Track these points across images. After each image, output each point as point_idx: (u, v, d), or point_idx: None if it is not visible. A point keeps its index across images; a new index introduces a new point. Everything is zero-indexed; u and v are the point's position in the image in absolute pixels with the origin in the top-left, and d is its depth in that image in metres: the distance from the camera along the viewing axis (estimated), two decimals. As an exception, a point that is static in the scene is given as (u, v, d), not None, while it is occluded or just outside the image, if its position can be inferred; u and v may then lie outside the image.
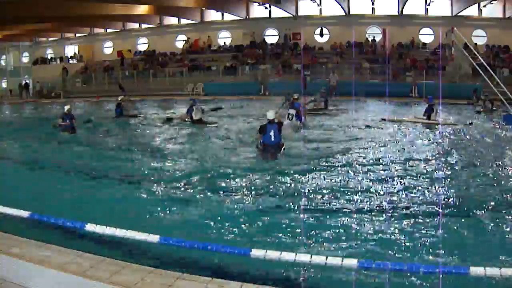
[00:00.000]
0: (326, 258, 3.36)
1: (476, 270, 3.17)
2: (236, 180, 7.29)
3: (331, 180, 7.26)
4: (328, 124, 14.21)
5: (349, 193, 6.48)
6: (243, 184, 7.02)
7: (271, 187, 6.89)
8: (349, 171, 7.83)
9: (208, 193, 6.58)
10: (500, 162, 8.53)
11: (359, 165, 8.32)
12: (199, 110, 14.59)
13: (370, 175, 7.59)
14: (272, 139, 9.02)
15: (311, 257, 3.38)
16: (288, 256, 3.39)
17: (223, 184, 7.05)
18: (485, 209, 5.74)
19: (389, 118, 15.12)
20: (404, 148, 10.18)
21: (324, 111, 17.19)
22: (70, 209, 5.77)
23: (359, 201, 6.14)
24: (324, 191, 6.56)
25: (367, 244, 4.67)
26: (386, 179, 7.31)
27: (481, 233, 5.00)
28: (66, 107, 13.51)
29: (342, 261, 3.29)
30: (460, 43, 19.18)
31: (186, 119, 14.69)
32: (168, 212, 5.78)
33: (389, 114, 15.84)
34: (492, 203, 5.96)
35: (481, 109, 17.46)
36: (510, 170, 7.98)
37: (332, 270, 3.80)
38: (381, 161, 8.70)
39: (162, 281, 3.48)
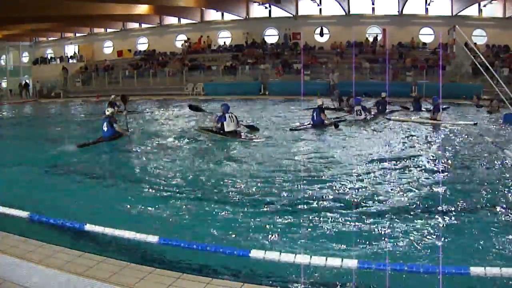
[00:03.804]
0: (326, 259, 3.35)
1: (476, 270, 3.17)
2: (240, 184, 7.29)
3: (331, 179, 7.25)
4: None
5: (350, 193, 6.48)
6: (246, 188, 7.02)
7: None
8: (351, 171, 7.82)
9: (209, 196, 6.58)
10: (503, 162, 8.53)
11: (363, 164, 8.32)
12: (233, 118, 11.22)
13: (373, 174, 7.59)
14: (315, 118, 12.83)
15: (310, 257, 3.38)
16: (287, 257, 3.39)
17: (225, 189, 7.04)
18: (485, 209, 5.74)
19: (394, 117, 15.10)
20: (408, 147, 10.17)
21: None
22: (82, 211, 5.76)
23: (360, 200, 6.13)
24: (324, 191, 6.56)
25: (367, 244, 4.67)
26: (389, 178, 7.31)
27: (482, 232, 4.99)
28: (110, 110, 11.23)
29: (342, 261, 3.29)
30: (462, 42, 19.13)
31: (214, 128, 11.52)
32: (168, 213, 5.78)
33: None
34: (493, 203, 5.97)
35: (490, 109, 17.37)
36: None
37: (332, 271, 3.80)
38: (385, 160, 8.70)
39: (162, 281, 3.48)
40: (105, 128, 10.86)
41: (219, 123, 11.26)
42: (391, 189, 6.68)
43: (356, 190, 6.63)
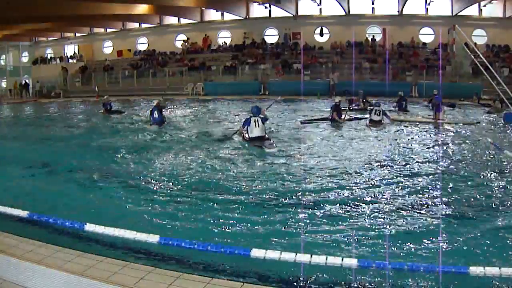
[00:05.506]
0: (326, 258, 3.35)
1: (476, 270, 3.17)
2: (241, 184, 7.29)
3: (332, 179, 7.25)
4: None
5: (350, 193, 6.48)
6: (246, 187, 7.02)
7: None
8: (353, 171, 7.82)
9: (209, 196, 6.58)
10: (504, 162, 8.53)
11: (366, 164, 8.33)
12: (257, 123, 10.02)
13: (373, 175, 7.59)
14: (330, 114, 13.95)
15: (311, 257, 3.38)
16: (288, 256, 3.39)
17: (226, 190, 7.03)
18: (486, 209, 5.74)
19: (395, 117, 15.09)
20: (410, 147, 10.17)
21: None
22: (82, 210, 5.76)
23: (360, 201, 6.13)
24: (325, 191, 6.56)
25: (367, 244, 4.67)
26: (390, 178, 7.31)
27: (483, 232, 4.99)
28: (156, 100, 14.20)
29: (342, 261, 3.29)
30: (462, 41, 19.11)
31: (243, 136, 10.47)
32: (169, 213, 5.78)
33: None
34: (493, 203, 5.97)
35: (491, 109, 17.28)
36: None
37: (332, 270, 3.80)
38: (387, 160, 8.71)
39: (162, 281, 3.48)
40: (156, 115, 13.06)
41: (245, 128, 10.17)
42: (392, 190, 6.68)
43: (357, 191, 6.63)
